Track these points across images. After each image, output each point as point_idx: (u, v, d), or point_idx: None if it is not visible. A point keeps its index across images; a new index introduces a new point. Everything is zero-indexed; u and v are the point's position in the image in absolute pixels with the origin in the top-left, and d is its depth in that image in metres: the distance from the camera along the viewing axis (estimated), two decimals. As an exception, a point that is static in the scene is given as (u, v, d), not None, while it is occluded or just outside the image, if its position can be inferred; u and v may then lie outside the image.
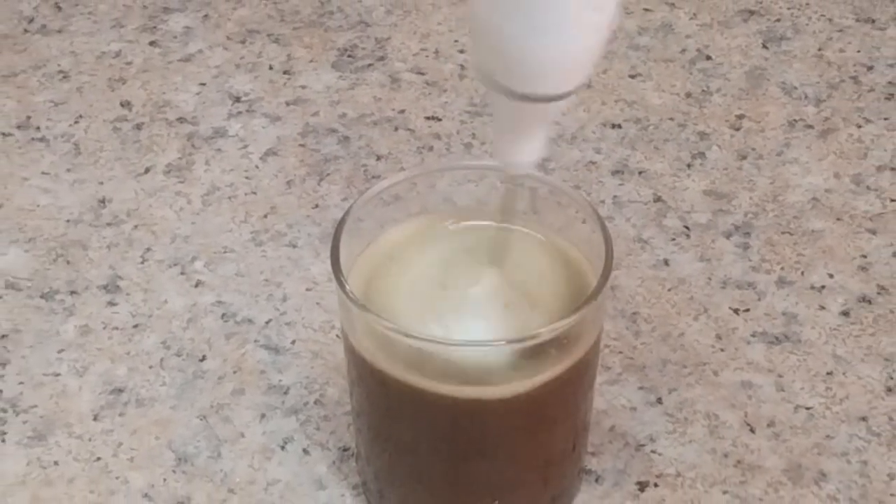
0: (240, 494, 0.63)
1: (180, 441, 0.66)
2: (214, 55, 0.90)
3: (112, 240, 0.77)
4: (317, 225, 0.77)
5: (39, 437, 0.66)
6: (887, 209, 0.78)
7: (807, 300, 0.73)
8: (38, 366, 0.69)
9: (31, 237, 0.77)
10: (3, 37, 0.92)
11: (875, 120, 0.84)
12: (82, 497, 0.63)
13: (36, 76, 0.88)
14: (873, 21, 0.93)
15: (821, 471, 0.64)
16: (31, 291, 0.73)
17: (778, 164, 0.81)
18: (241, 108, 0.86)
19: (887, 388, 0.68)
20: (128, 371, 0.69)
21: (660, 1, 0.95)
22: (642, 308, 0.72)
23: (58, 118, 0.85)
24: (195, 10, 0.94)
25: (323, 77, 0.88)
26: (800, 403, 0.67)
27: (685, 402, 0.67)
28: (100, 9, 0.94)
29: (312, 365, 0.69)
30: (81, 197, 0.79)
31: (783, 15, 0.93)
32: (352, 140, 0.83)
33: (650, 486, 0.64)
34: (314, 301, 0.73)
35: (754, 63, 0.89)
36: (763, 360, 0.70)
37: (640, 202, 0.79)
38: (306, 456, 0.65)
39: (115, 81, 0.88)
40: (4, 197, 0.79)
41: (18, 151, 0.83)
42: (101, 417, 0.67)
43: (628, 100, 0.86)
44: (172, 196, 0.79)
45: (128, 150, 0.83)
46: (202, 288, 0.74)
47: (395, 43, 0.91)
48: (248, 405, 0.67)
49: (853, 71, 0.88)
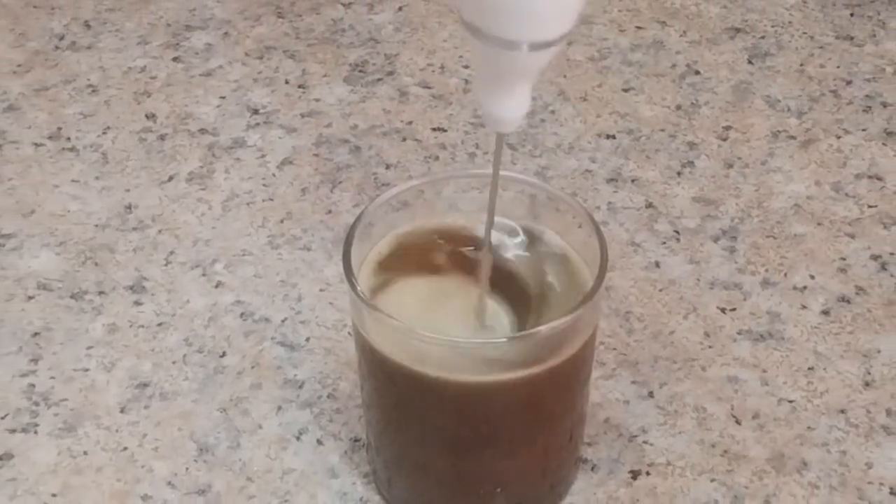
0: (257, 482, 0.63)
1: (202, 432, 0.66)
2: (234, 70, 0.90)
3: (138, 243, 0.77)
4: (330, 229, 0.77)
5: (70, 428, 0.66)
6: (865, 215, 0.78)
7: (789, 300, 0.73)
8: (69, 362, 0.70)
9: (61, 241, 0.77)
10: (36, 53, 0.92)
11: (853, 131, 0.84)
12: (110, 485, 0.63)
13: (66, 90, 0.88)
14: (852, 38, 0.93)
15: (802, 460, 0.64)
16: (62, 292, 0.74)
17: (762, 172, 0.81)
18: (259, 119, 0.86)
19: (865, 382, 0.68)
20: (152, 367, 0.69)
21: (651, 19, 0.95)
22: (635, 307, 0.72)
23: (87, 129, 0.85)
24: (216, 28, 0.94)
25: (335, 91, 0.88)
26: (783, 397, 0.67)
27: (675, 396, 0.67)
28: (126, 27, 0.94)
29: (325, 361, 0.69)
30: (109, 203, 0.79)
31: (767, 32, 0.93)
32: (363, 150, 0.83)
33: (642, 474, 0.64)
34: (327, 301, 0.73)
35: (740, 78, 0.89)
36: (748, 356, 0.69)
37: (632, 208, 0.79)
38: (320, 446, 0.65)
39: (140, 95, 0.88)
40: (37, 203, 0.79)
41: (50, 160, 0.83)
42: (128, 410, 0.67)
43: (622, 112, 0.86)
44: (194, 202, 0.79)
45: (152, 159, 0.83)
46: (222, 288, 0.74)
47: (404, 59, 0.91)
48: (265, 398, 0.67)
49: (833, 85, 0.88)
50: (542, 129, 0.84)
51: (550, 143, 0.83)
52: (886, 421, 0.66)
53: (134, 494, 0.63)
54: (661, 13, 0.95)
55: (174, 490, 0.63)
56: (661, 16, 0.95)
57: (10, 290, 0.74)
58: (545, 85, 0.88)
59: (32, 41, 0.93)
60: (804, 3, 0.96)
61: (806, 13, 0.95)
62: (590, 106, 0.86)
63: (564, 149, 0.83)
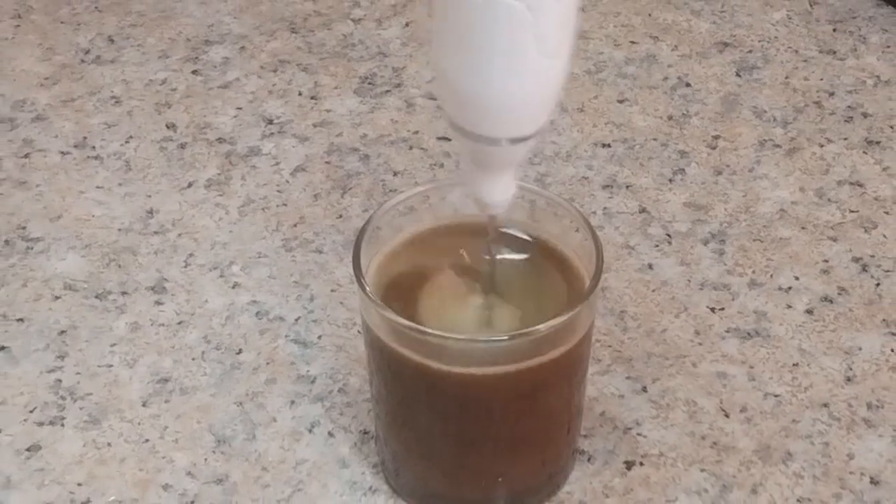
0: (272, 472, 0.63)
1: (219, 425, 0.66)
2: (250, 82, 0.90)
3: (159, 246, 0.77)
4: (340, 233, 0.77)
5: (94, 421, 0.66)
6: (846, 219, 0.78)
7: (775, 300, 0.73)
8: (94, 358, 0.70)
9: (87, 244, 0.77)
10: (62, 66, 0.92)
11: (836, 140, 0.84)
12: (132, 474, 0.63)
13: (91, 101, 0.89)
14: (834, 52, 0.93)
15: (787, 451, 0.64)
16: (87, 292, 0.74)
17: (749, 179, 0.81)
18: (274, 129, 0.86)
19: (846, 378, 0.68)
20: (173, 363, 0.69)
21: (645, 34, 0.95)
22: (629, 307, 0.72)
23: (111, 138, 0.85)
24: (233, 43, 0.94)
25: (346, 102, 0.88)
26: (769, 391, 0.67)
27: (667, 391, 0.67)
28: (148, 42, 0.94)
29: (336, 357, 0.69)
30: (131, 208, 0.79)
31: (754, 47, 0.93)
32: (371, 158, 0.83)
33: (636, 464, 0.64)
34: (338, 301, 0.73)
35: (728, 89, 0.89)
36: (736, 353, 0.69)
37: (627, 213, 0.79)
38: (331, 438, 0.65)
39: (161, 106, 0.88)
40: (63, 208, 0.79)
41: (76, 168, 0.83)
42: (149, 404, 0.67)
43: (617, 122, 0.86)
44: (212, 207, 0.79)
45: (173, 166, 0.83)
46: (239, 289, 0.74)
47: (410, 72, 0.91)
48: (279, 393, 0.67)
49: (816, 97, 0.88)
50: (541, 139, 0.84)
51: (549, 152, 0.83)
52: (867, 414, 0.66)
53: (155, 484, 0.63)
54: (653, 29, 0.95)
55: (193, 479, 0.63)
56: (654, 31, 0.95)
57: (38, 290, 0.74)
58: (544, 96, 0.88)
59: (59, 55, 0.93)
60: (789, 19, 0.96)
61: (791, 28, 0.95)
62: (586, 116, 0.87)
63: (562, 157, 0.83)
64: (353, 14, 0.97)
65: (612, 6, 0.98)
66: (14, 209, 0.79)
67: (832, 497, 0.62)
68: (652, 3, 0.98)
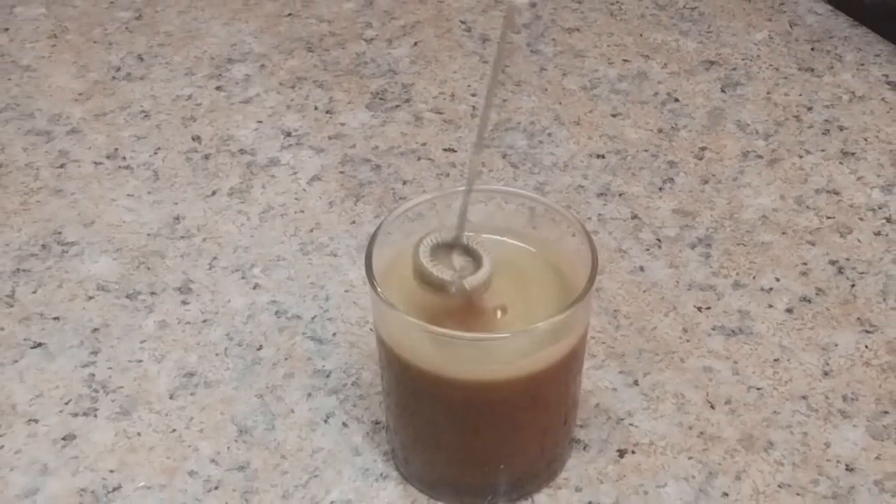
0: (290, 460, 0.63)
1: (241, 416, 0.66)
2: (269, 98, 0.90)
3: (185, 250, 0.77)
4: (353, 238, 0.77)
5: (125, 412, 0.66)
6: (824, 225, 0.78)
7: (757, 300, 0.73)
8: (124, 354, 0.70)
9: (118, 248, 0.77)
10: (95, 83, 0.92)
11: (814, 151, 0.84)
12: (160, 462, 0.64)
13: (122, 115, 0.89)
14: (812, 70, 0.93)
15: (769, 440, 0.64)
16: (118, 293, 0.74)
17: (734, 187, 0.81)
18: (292, 141, 0.86)
19: (824, 372, 0.68)
20: (198, 358, 0.69)
21: (636, 53, 0.95)
22: (622, 306, 0.72)
23: (140, 150, 0.85)
24: (253, 61, 0.94)
25: (359, 116, 0.88)
26: (752, 385, 0.67)
27: (657, 384, 0.67)
28: (175, 60, 0.95)
29: (350, 353, 0.69)
30: (159, 215, 0.79)
31: (738, 65, 0.93)
32: (382, 168, 0.83)
33: (628, 452, 0.64)
34: (351, 300, 0.73)
35: (714, 104, 0.89)
36: (721, 349, 0.69)
37: (619, 219, 0.79)
38: (345, 428, 0.65)
39: (187, 119, 0.88)
40: (96, 215, 0.79)
41: (108, 177, 0.83)
42: (176, 396, 0.67)
43: (610, 135, 0.86)
44: (235, 214, 0.80)
45: (198, 176, 0.83)
46: (259, 290, 0.74)
47: (419, 88, 0.91)
48: (297, 386, 0.67)
49: (796, 111, 0.88)
50: (540, 150, 0.84)
51: (547, 162, 0.83)
52: (843, 406, 0.66)
53: (182, 470, 0.63)
54: (644, 48, 0.95)
55: (217, 466, 0.63)
56: (645, 50, 0.95)
57: (73, 291, 0.74)
58: (543, 111, 0.88)
59: (92, 72, 0.93)
60: (770, 39, 0.96)
61: (772, 48, 0.95)
62: (582, 129, 0.87)
63: (560, 167, 0.83)
64: (365, 34, 0.97)
65: (605, 27, 0.98)
66: (50, 215, 0.79)
67: (810, 483, 0.62)
68: (643, 24, 0.98)
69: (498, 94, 0.89)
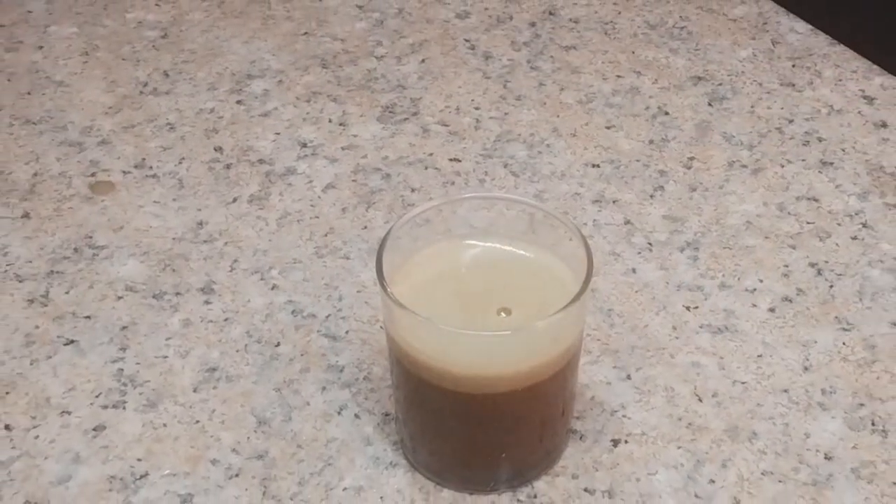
0: (306, 449, 0.63)
1: (260, 408, 0.66)
2: (287, 111, 0.90)
3: (208, 253, 0.77)
4: (365, 242, 0.77)
5: (152, 405, 0.66)
6: (804, 230, 0.78)
7: (742, 300, 0.73)
8: (151, 350, 0.70)
9: (145, 251, 0.77)
10: (124, 97, 0.92)
11: (795, 161, 0.84)
12: (185, 451, 0.64)
13: (149, 127, 0.89)
14: (793, 85, 0.93)
15: (753, 431, 0.64)
16: (146, 293, 0.74)
17: (720, 195, 0.81)
18: (308, 151, 0.86)
19: (804, 367, 0.68)
20: (220, 354, 0.69)
21: (629, 69, 0.95)
22: (616, 306, 0.72)
23: (166, 160, 0.85)
24: (272, 77, 0.94)
25: (370, 128, 0.88)
26: (737, 379, 0.67)
27: (649, 378, 0.67)
28: (198, 75, 0.95)
29: (362, 349, 0.69)
30: (184, 220, 0.80)
31: (724, 80, 0.93)
32: (392, 177, 0.83)
33: (622, 442, 0.64)
34: (363, 300, 0.73)
35: (702, 117, 0.89)
36: (708, 345, 0.69)
37: (613, 224, 0.79)
38: (357, 419, 0.65)
39: (209, 131, 0.88)
40: (125, 220, 0.80)
41: (136, 185, 0.83)
42: (199, 390, 0.67)
43: (605, 146, 0.86)
44: (254, 220, 0.80)
45: (220, 184, 0.83)
46: (277, 290, 0.74)
47: (426, 102, 0.91)
48: (312, 380, 0.68)
49: (778, 123, 0.88)
50: (539, 160, 0.84)
51: (546, 171, 0.83)
52: (822, 399, 0.66)
53: (205, 459, 0.63)
54: (636, 65, 0.95)
55: (238, 455, 0.63)
56: (637, 67, 0.95)
57: (103, 291, 0.74)
58: (542, 123, 0.88)
59: (121, 87, 0.93)
60: (754, 56, 0.96)
61: (756, 64, 0.95)
62: (578, 140, 0.87)
63: (558, 176, 0.83)
64: (376, 52, 0.97)
65: (600, 45, 0.98)
66: (82, 221, 0.79)
67: (791, 470, 0.62)
68: (635, 43, 0.98)
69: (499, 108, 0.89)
